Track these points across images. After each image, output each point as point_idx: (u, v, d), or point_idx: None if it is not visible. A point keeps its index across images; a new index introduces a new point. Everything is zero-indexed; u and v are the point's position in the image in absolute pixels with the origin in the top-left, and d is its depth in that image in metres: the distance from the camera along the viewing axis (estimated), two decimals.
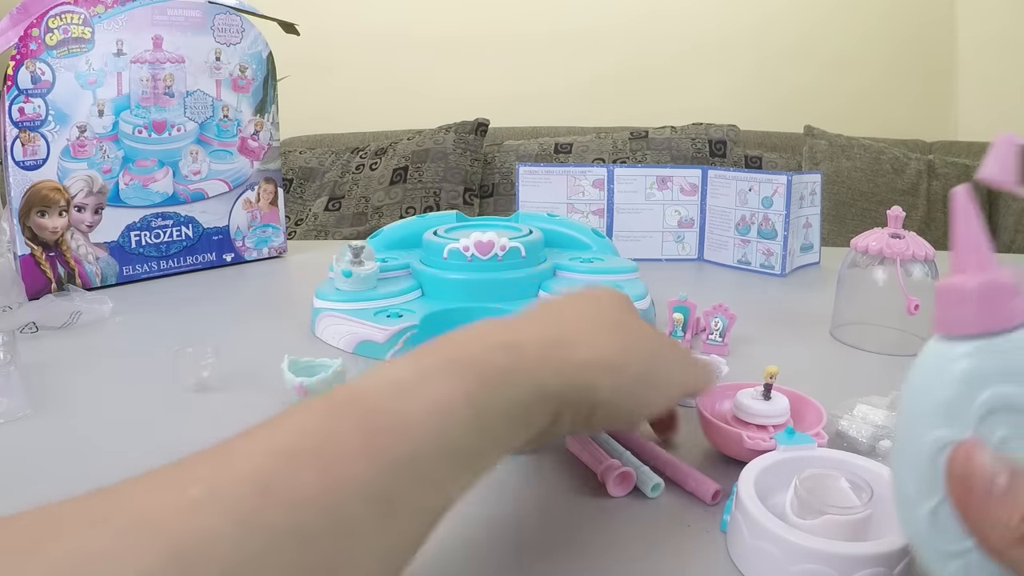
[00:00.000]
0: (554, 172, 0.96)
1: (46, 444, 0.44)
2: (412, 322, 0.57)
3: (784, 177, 0.86)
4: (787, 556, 0.29)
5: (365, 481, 0.22)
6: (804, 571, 0.29)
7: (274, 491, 0.20)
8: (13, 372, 0.48)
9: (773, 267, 0.88)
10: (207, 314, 0.72)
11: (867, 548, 0.28)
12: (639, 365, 0.33)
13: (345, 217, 2.20)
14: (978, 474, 0.21)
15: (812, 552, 0.28)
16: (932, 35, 2.37)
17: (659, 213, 0.95)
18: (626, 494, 0.37)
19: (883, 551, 0.28)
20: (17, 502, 0.37)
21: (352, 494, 0.21)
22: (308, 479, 0.21)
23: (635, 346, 0.34)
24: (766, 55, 2.42)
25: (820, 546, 0.28)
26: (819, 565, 0.28)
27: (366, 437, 0.23)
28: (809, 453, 0.35)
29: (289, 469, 0.21)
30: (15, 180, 0.72)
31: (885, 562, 0.28)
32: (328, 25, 2.38)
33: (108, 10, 0.76)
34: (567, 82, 2.50)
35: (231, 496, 0.20)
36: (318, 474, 0.21)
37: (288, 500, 0.20)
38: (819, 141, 2.14)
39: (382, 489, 0.22)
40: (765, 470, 0.34)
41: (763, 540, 0.30)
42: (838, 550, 0.28)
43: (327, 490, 0.21)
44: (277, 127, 0.94)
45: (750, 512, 0.30)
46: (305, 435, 0.23)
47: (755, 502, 0.31)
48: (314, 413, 0.24)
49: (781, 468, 0.34)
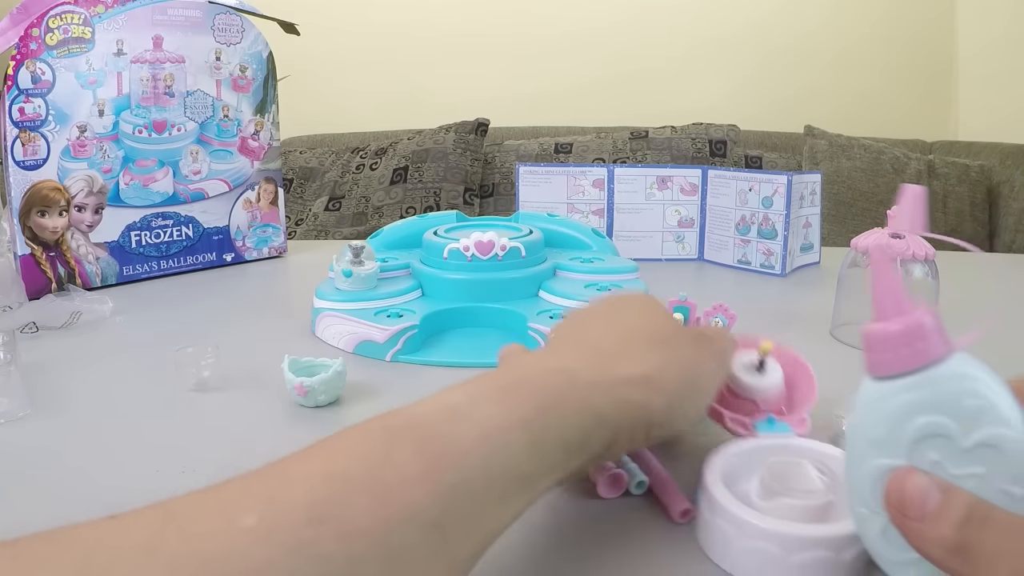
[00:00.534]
0: (554, 172, 0.96)
1: (46, 444, 0.44)
2: (412, 322, 0.57)
3: (784, 177, 0.86)
4: (739, 533, 0.30)
5: (421, 509, 0.22)
6: (753, 548, 0.30)
7: (328, 520, 0.20)
8: (13, 372, 0.48)
9: (773, 267, 0.88)
10: (207, 314, 0.72)
11: (813, 531, 0.30)
12: (684, 373, 0.33)
13: (345, 217, 2.20)
14: (910, 497, 0.24)
15: (760, 530, 0.30)
16: (933, 35, 2.37)
17: (659, 213, 0.95)
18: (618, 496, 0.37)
19: (829, 535, 0.29)
20: (17, 502, 0.37)
21: (407, 521, 0.21)
22: (363, 506, 0.21)
23: (676, 356, 0.33)
24: (766, 55, 2.42)
25: (767, 525, 0.30)
26: (766, 543, 0.30)
27: (423, 462, 0.23)
28: (782, 441, 0.36)
29: (344, 495, 0.21)
30: (15, 180, 0.72)
31: (831, 546, 0.29)
32: (328, 25, 2.38)
33: (108, 10, 0.76)
34: (567, 82, 2.50)
35: (285, 525, 0.19)
36: (373, 501, 0.21)
37: (342, 529, 0.20)
38: (819, 141, 2.14)
39: (437, 516, 0.22)
40: (738, 454, 0.35)
41: (719, 518, 0.31)
42: (783, 530, 0.30)
43: (382, 519, 0.21)
44: (277, 127, 0.94)
45: (710, 491, 0.32)
46: (361, 459, 0.23)
47: (717, 483, 0.32)
48: (370, 436, 0.24)
49: (755, 454, 0.35)
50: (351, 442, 0.23)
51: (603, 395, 0.29)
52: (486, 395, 0.27)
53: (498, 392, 0.27)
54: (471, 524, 0.23)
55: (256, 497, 0.20)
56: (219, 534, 0.19)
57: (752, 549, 0.30)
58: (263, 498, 0.20)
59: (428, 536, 0.22)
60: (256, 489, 0.21)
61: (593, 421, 0.28)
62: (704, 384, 0.34)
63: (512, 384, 0.27)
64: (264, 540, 0.19)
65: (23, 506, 0.37)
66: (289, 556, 0.19)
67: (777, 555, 0.30)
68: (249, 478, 0.21)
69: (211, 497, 0.20)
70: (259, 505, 0.20)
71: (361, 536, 0.20)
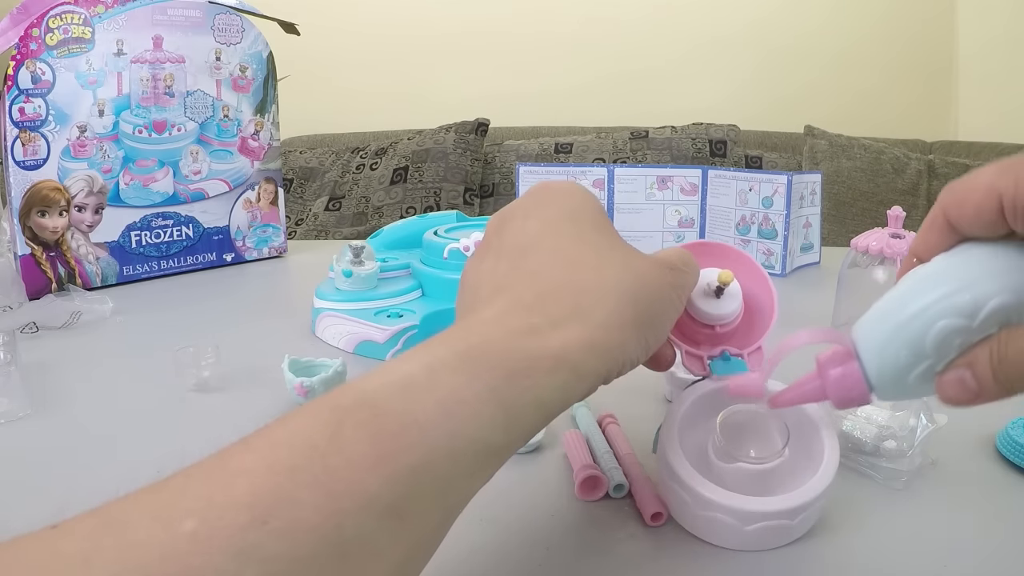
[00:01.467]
0: (554, 172, 0.96)
1: (46, 444, 0.44)
2: (412, 322, 0.57)
3: (784, 177, 0.86)
4: (695, 503, 0.32)
5: (374, 496, 0.20)
6: (708, 517, 0.32)
7: (272, 519, 0.19)
8: (13, 372, 0.48)
9: (773, 267, 0.88)
10: (207, 314, 0.72)
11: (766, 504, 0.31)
12: (651, 307, 0.30)
13: (345, 217, 2.20)
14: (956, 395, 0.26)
15: (715, 504, 0.31)
16: (933, 35, 2.37)
17: (659, 213, 0.95)
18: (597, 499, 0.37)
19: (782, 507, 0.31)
20: (17, 502, 0.37)
21: (360, 511, 0.20)
22: (309, 501, 0.19)
23: (640, 283, 0.30)
24: (766, 55, 2.42)
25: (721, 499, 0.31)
26: (722, 515, 0.31)
27: (374, 444, 0.21)
28: (737, 381, 0.35)
29: (288, 490, 0.19)
30: (15, 180, 0.72)
31: (784, 516, 0.31)
32: (328, 25, 2.38)
33: (108, 10, 0.76)
34: (567, 82, 2.50)
35: (227, 528, 0.18)
36: (321, 493, 0.19)
37: (289, 527, 0.19)
38: (819, 141, 2.14)
39: (394, 501, 0.20)
40: (696, 401, 0.35)
41: (676, 484, 0.33)
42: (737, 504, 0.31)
43: (331, 512, 0.19)
44: (277, 127, 0.94)
45: (667, 458, 0.33)
46: (306, 447, 0.20)
47: (675, 448, 0.33)
48: (316, 419, 0.21)
49: (713, 396, 0.35)
50: (295, 427, 0.21)
51: (577, 350, 0.26)
52: (445, 362, 0.24)
53: (458, 359, 0.24)
54: (433, 505, 0.22)
55: (195, 498, 0.19)
56: (157, 543, 0.18)
57: (708, 518, 0.32)
58: (203, 499, 0.19)
59: (385, 523, 0.20)
60: (195, 489, 0.19)
61: (572, 376, 0.26)
62: (668, 315, 0.31)
63: (474, 349, 0.24)
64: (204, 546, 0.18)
65: (23, 506, 0.37)
66: (231, 562, 0.18)
67: (732, 524, 0.31)
68: (190, 473, 0.20)
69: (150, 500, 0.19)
70: (199, 507, 0.19)
71: (309, 533, 0.19)
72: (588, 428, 0.42)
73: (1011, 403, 0.50)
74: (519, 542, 0.34)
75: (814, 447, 0.34)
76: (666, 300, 0.31)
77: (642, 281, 0.30)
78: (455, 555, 0.32)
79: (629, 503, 0.37)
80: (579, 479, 0.37)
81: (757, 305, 0.39)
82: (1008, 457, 0.40)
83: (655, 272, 0.31)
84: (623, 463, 0.39)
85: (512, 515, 0.36)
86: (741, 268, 0.39)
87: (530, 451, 0.42)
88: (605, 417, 0.44)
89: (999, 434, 0.42)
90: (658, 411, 0.43)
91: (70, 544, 0.18)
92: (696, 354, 0.37)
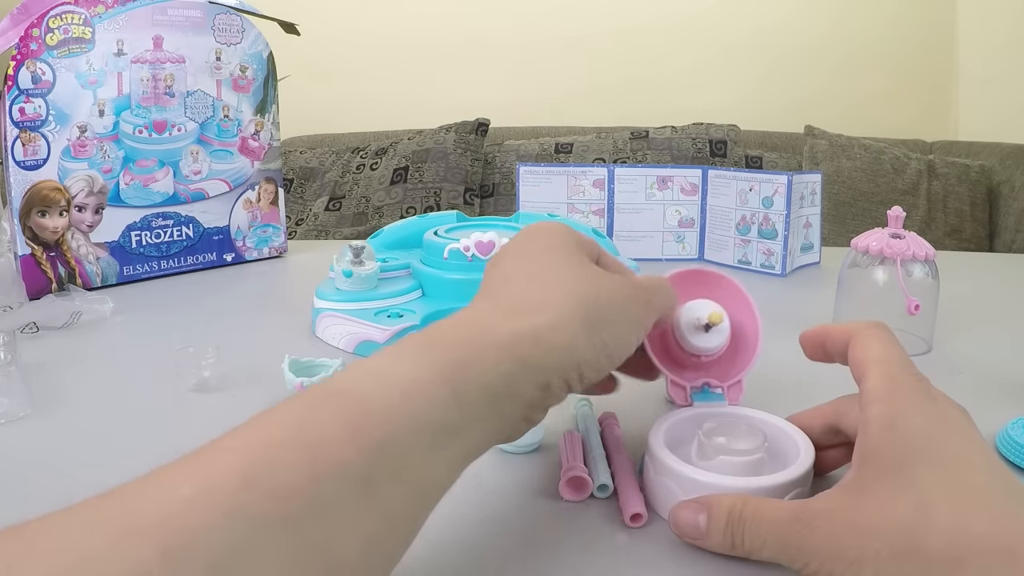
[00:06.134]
0: (554, 172, 0.96)
1: (46, 444, 0.44)
2: (412, 322, 0.57)
3: (784, 177, 0.86)
4: (681, 489, 0.34)
5: (348, 463, 0.23)
6: None
7: (260, 481, 0.21)
8: (13, 372, 0.48)
9: (773, 267, 0.88)
10: (207, 314, 0.72)
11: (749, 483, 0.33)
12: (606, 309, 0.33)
13: (345, 217, 2.20)
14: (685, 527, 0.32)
15: (701, 484, 0.33)
16: (934, 37, 2.37)
17: (659, 213, 0.95)
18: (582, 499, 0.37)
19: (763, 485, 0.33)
20: (17, 502, 0.37)
21: (336, 477, 0.22)
22: (292, 467, 0.22)
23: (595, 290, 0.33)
24: (769, 61, 2.42)
25: (707, 479, 0.33)
26: None
27: (346, 422, 0.24)
28: (718, 409, 0.40)
29: (276, 457, 0.22)
30: (15, 180, 0.72)
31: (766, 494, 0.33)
32: (329, 25, 2.38)
33: (108, 10, 0.76)
34: (568, 86, 2.50)
35: (219, 491, 0.20)
36: (302, 460, 0.22)
37: (274, 489, 0.21)
38: (819, 141, 2.14)
39: (365, 470, 0.23)
40: (678, 422, 0.39)
41: (663, 475, 0.35)
42: (722, 483, 0.33)
43: (312, 476, 0.22)
44: (278, 127, 0.94)
45: (654, 452, 0.35)
46: (289, 425, 0.24)
47: (660, 445, 0.36)
48: (299, 403, 0.25)
49: (693, 419, 0.39)
50: (280, 411, 0.25)
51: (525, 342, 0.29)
52: (405, 354, 0.28)
53: (416, 350, 0.28)
54: (402, 476, 0.24)
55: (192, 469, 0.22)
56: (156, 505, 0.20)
57: None
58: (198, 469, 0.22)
59: (357, 490, 0.23)
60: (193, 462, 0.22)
61: (518, 367, 0.29)
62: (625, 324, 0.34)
63: (430, 341, 0.29)
64: (199, 507, 0.20)
65: (23, 506, 0.37)
66: (223, 519, 0.20)
67: None
68: (188, 454, 0.22)
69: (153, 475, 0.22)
70: (194, 474, 0.21)
71: (292, 495, 0.21)
72: (587, 428, 0.42)
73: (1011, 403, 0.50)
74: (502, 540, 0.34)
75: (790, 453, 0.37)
76: (623, 310, 0.34)
77: (597, 289, 0.33)
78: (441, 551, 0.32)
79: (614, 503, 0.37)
80: (563, 479, 0.37)
81: (743, 336, 0.42)
82: (1008, 457, 0.40)
83: (615, 284, 0.34)
84: (613, 464, 0.39)
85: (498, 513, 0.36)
86: (730, 298, 0.43)
87: (530, 451, 0.42)
88: (607, 417, 0.44)
89: (999, 434, 0.42)
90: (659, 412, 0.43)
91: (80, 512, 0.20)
92: (680, 384, 0.40)
